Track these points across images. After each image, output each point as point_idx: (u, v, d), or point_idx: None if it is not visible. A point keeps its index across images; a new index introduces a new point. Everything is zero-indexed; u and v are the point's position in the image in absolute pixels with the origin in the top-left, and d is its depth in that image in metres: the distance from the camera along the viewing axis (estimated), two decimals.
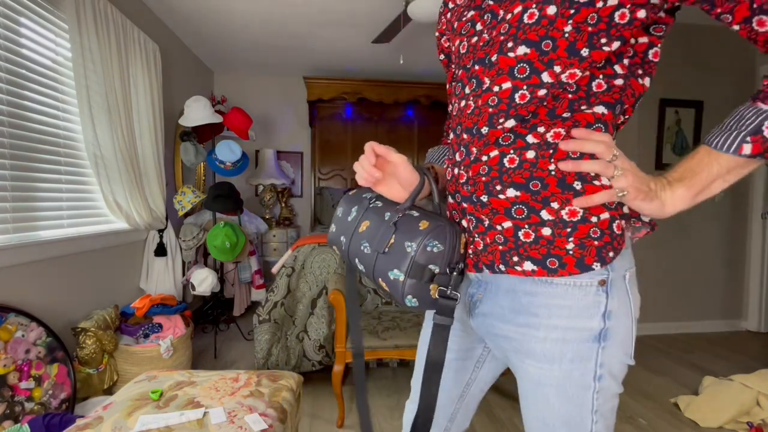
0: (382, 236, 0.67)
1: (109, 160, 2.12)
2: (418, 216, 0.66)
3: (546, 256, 0.61)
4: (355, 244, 0.74)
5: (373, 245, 0.69)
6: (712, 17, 0.61)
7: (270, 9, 2.91)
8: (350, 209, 0.80)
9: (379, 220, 0.71)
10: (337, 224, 0.82)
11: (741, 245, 3.30)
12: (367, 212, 0.75)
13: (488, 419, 1.95)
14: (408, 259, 0.62)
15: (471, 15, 0.66)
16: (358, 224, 0.75)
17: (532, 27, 0.57)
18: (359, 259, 0.73)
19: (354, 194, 0.83)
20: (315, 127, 4.52)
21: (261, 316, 2.18)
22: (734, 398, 1.93)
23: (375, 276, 0.69)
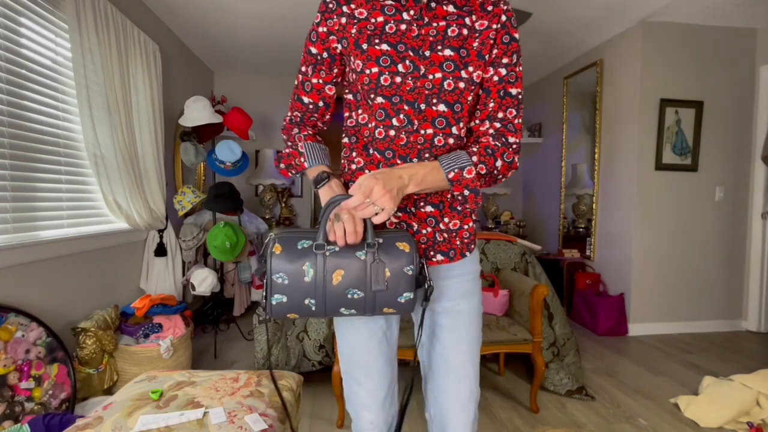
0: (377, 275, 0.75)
1: (109, 160, 2.12)
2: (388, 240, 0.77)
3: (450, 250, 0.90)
4: (333, 300, 0.76)
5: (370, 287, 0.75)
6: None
7: (270, 9, 2.91)
8: (300, 268, 0.75)
9: (358, 263, 0.75)
10: (289, 291, 0.75)
11: (741, 245, 3.30)
12: (329, 262, 0.75)
13: (488, 419, 1.95)
14: (412, 279, 0.77)
15: (386, 49, 0.80)
16: (328, 279, 0.75)
17: (448, 93, 0.81)
18: (346, 307, 0.77)
19: (285, 252, 0.75)
20: None
21: (261, 316, 2.18)
22: (734, 398, 1.93)
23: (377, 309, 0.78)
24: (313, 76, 0.89)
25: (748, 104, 3.25)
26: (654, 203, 3.17)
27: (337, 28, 0.83)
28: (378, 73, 0.79)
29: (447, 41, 0.80)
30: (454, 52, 0.80)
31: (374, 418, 0.92)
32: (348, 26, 0.82)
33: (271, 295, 0.75)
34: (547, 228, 4.37)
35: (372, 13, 0.81)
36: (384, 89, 0.80)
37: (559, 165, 4.11)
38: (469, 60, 0.80)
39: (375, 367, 0.90)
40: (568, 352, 2.26)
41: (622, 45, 3.24)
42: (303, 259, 0.75)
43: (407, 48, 0.80)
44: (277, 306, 0.76)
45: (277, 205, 4.40)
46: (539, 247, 2.68)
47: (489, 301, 2.16)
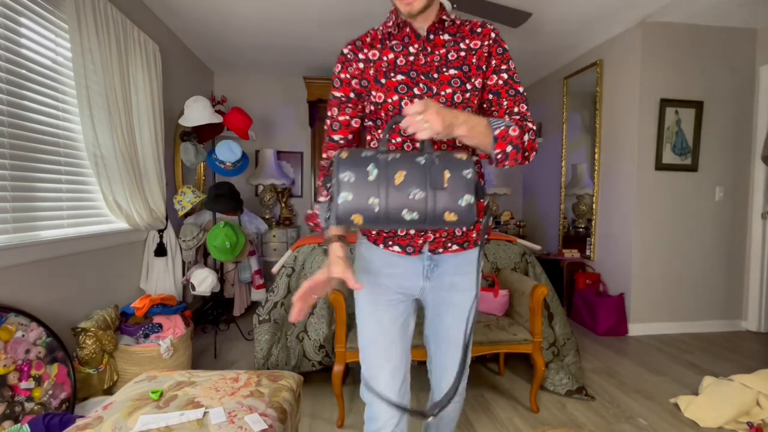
0: (436, 176, 0.79)
1: (109, 160, 2.12)
2: (445, 153, 0.84)
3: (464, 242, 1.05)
4: (396, 200, 0.80)
5: (429, 187, 0.79)
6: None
7: (270, 9, 2.91)
8: (365, 170, 0.80)
9: (418, 167, 0.81)
10: (355, 188, 0.79)
11: (741, 245, 3.30)
12: (390, 165, 0.80)
13: (488, 419, 1.95)
14: (471, 183, 0.81)
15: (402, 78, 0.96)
16: (389, 180, 0.80)
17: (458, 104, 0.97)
18: (408, 209, 0.80)
19: (351, 156, 0.82)
20: (315, 127, 4.51)
21: (261, 316, 2.18)
22: (734, 398, 1.93)
23: (438, 213, 0.81)
24: (340, 115, 1.03)
25: (748, 104, 3.24)
26: (654, 203, 3.17)
27: (357, 73, 0.99)
28: (399, 100, 0.96)
29: (450, 64, 0.97)
30: (457, 71, 0.96)
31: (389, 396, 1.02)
32: (366, 69, 0.99)
33: (338, 194, 0.79)
34: (547, 228, 4.37)
35: (383, 53, 0.98)
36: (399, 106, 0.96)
37: (559, 165, 4.11)
38: (471, 74, 0.97)
39: (394, 351, 1.03)
40: (568, 352, 2.26)
41: (622, 45, 3.24)
42: (367, 162, 0.80)
43: (419, 74, 0.96)
44: (343, 204, 0.79)
45: (277, 205, 4.40)
46: (539, 247, 2.68)
47: (489, 301, 2.16)
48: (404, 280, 1.05)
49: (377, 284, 1.05)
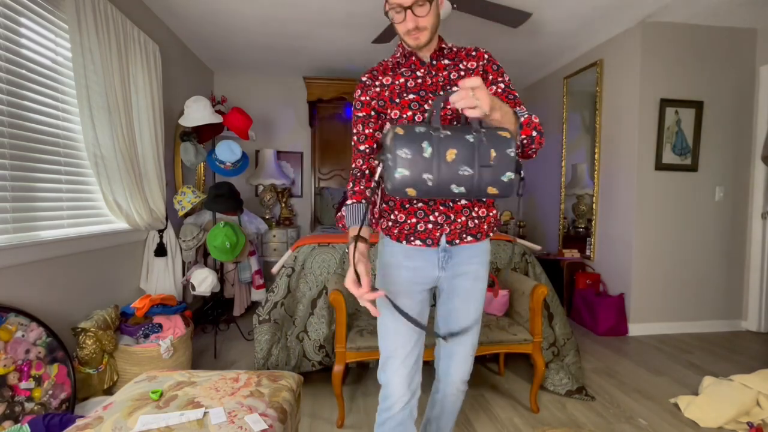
0: (484, 154, 0.88)
1: (109, 160, 2.12)
2: (491, 130, 0.91)
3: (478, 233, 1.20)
4: (447, 175, 0.88)
5: (477, 164, 0.88)
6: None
7: (270, 9, 2.91)
8: (420, 147, 0.87)
9: (468, 144, 0.88)
10: (410, 165, 0.87)
11: (741, 245, 3.30)
12: (442, 143, 0.88)
13: (488, 419, 1.95)
14: (515, 161, 0.90)
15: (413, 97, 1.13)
16: (441, 156, 0.88)
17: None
18: (456, 184, 0.89)
19: (407, 133, 0.88)
20: (315, 127, 4.52)
21: (261, 316, 2.18)
22: (734, 398, 1.93)
23: (483, 187, 0.90)
24: (365, 129, 1.19)
25: (748, 104, 3.24)
26: (654, 203, 3.17)
27: (375, 95, 1.17)
28: (412, 115, 1.13)
29: (452, 82, 1.14)
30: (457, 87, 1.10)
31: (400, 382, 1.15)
32: (382, 92, 1.16)
33: (394, 169, 0.87)
34: (547, 228, 4.37)
35: (395, 78, 1.16)
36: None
37: (559, 165, 4.11)
38: None
39: (409, 337, 1.16)
40: (568, 352, 2.26)
41: (622, 45, 3.24)
42: (422, 139, 0.88)
43: (427, 93, 1.13)
44: (400, 179, 0.87)
45: (277, 205, 4.40)
46: (539, 247, 2.68)
47: (489, 301, 2.16)
48: (422, 271, 1.17)
49: (398, 276, 1.18)
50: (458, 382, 1.26)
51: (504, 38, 3.40)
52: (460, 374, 1.25)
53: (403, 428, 1.17)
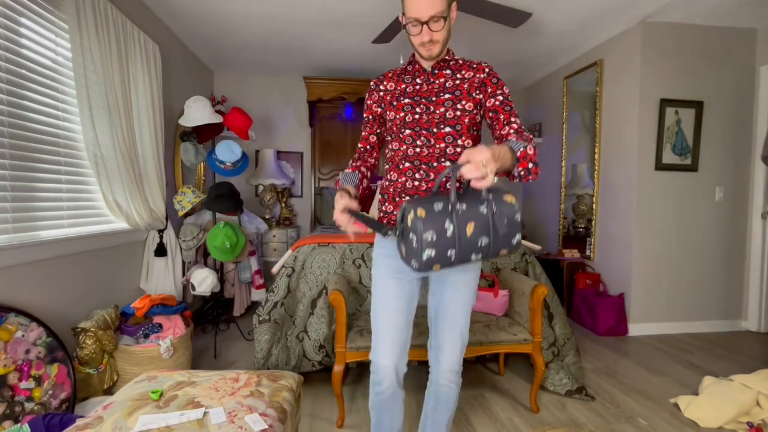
0: (498, 223, 0.98)
1: (109, 160, 2.12)
2: (497, 195, 1.00)
3: None
4: (467, 248, 0.98)
5: (496, 234, 0.98)
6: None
7: (270, 9, 2.91)
8: (442, 226, 0.96)
9: (483, 216, 0.98)
10: (437, 246, 0.96)
11: (741, 245, 3.30)
12: (461, 217, 0.97)
13: (488, 419, 1.95)
14: (520, 224, 1.01)
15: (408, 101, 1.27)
16: (463, 232, 0.97)
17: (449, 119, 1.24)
18: (476, 253, 0.99)
19: (428, 215, 0.96)
20: (315, 127, 4.52)
21: (261, 316, 2.18)
22: (734, 398, 1.93)
23: (495, 251, 1.01)
24: (363, 130, 1.40)
25: (748, 104, 3.25)
26: (654, 203, 3.17)
27: (377, 98, 1.34)
28: (404, 115, 1.27)
29: (446, 90, 1.25)
30: (451, 95, 1.24)
31: (388, 361, 1.27)
32: (384, 96, 1.33)
33: (422, 251, 0.96)
34: (547, 228, 4.37)
35: (397, 84, 1.31)
36: (408, 124, 1.26)
37: (559, 165, 4.11)
38: (462, 97, 1.24)
39: (395, 320, 1.27)
40: (568, 352, 2.26)
41: (622, 45, 3.24)
42: (443, 218, 0.96)
43: (421, 98, 1.26)
44: (427, 260, 0.96)
45: (277, 205, 4.40)
46: (539, 247, 2.68)
47: (489, 301, 2.16)
48: None
49: (389, 264, 1.28)
50: (447, 371, 1.31)
51: (504, 38, 3.40)
52: (449, 363, 1.30)
53: (393, 399, 1.33)
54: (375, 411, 1.36)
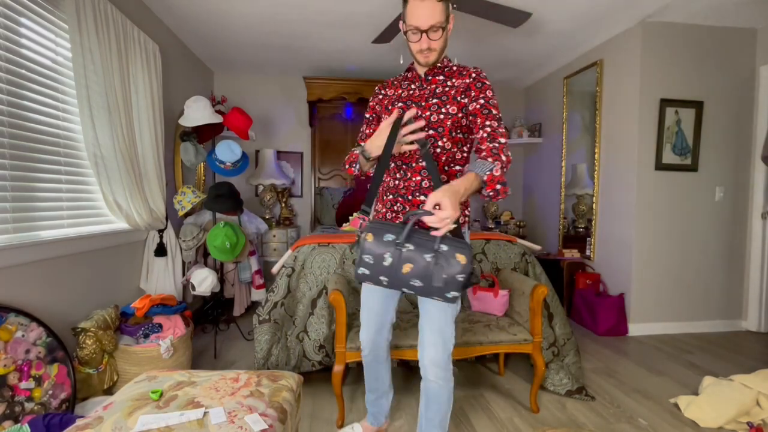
0: (433, 275, 1.07)
1: (109, 160, 2.12)
2: (450, 251, 1.08)
3: None
4: (400, 281, 1.10)
5: (426, 281, 1.07)
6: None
7: (270, 9, 2.91)
8: (382, 255, 1.07)
9: (423, 263, 1.06)
10: (371, 268, 1.09)
11: (741, 245, 3.30)
12: (404, 255, 1.07)
13: (488, 419, 1.95)
14: (460, 283, 1.07)
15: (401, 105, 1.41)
16: (399, 267, 1.08)
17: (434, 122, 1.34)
18: (408, 289, 1.11)
19: (375, 240, 1.07)
20: (315, 127, 4.52)
21: (261, 316, 2.18)
22: (734, 398, 1.93)
23: (428, 296, 1.12)
24: (367, 128, 1.55)
25: (748, 104, 3.25)
26: (654, 203, 3.17)
27: (377, 102, 1.51)
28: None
29: (434, 95, 1.35)
30: (438, 100, 1.34)
31: (367, 336, 1.58)
32: (383, 100, 1.48)
33: (358, 266, 1.11)
34: (547, 228, 4.37)
35: (395, 90, 1.46)
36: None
37: (559, 165, 4.11)
38: (447, 102, 1.33)
39: (373, 307, 1.55)
40: (568, 352, 2.26)
41: (622, 45, 3.24)
42: (386, 249, 1.06)
43: (412, 102, 1.38)
44: (361, 275, 1.10)
45: (277, 205, 4.40)
46: (539, 247, 2.68)
47: (489, 301, 2.16)
48: None
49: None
50: (430, 366, 1.38)
51: (504, 38, 3.40)
52: (431, 358, 1.38)
53: (375, 365, 1.65)
54: (365, 371, 1.70)
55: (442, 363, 1.39)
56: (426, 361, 1.39)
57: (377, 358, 1.63)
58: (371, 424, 1.78)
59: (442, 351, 1.38)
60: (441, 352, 1.38)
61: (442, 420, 1.46)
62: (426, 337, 1.39)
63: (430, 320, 1.38)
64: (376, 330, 1.57)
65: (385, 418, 1.78)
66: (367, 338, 1.59)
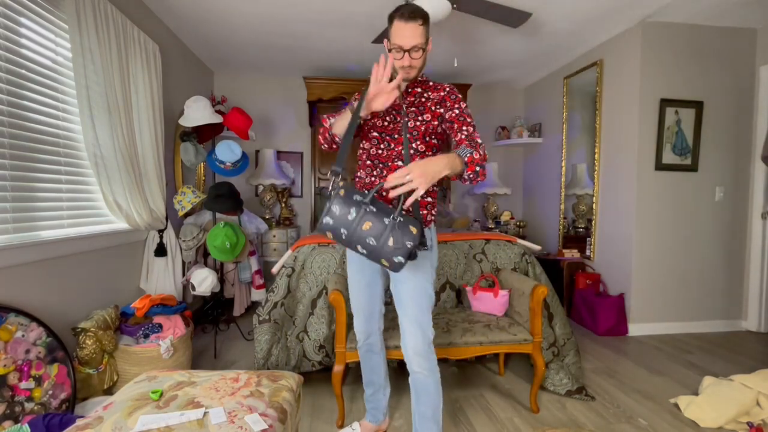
0: (388, 237, 1.17)
1: (109, 160, 2.12)
2: (406, 221, 1.20)
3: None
4: (357, 237, 1.18)
5: (380, 241, 1.17)
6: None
7: (270, 9, 2.91)
8: (349, 210, 1.18)
9: (381, 225, 1.17)
10: (335, 219, 1.18)
11: (741, 245, 3.30)
12: (366, 215, 1.18)
13: (488, 419, 1.95)
14: (408, 250, 1.18)
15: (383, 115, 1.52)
16: (360, 223, 1.18)
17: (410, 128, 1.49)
18: (361, 246, 1.19)
19: (345, 196, 1.18)
20: (315, 127, 4.52)
21: (261, 316, 2.18)
22: (734, 398, 1.93)
23: (378, 258, 1.20)
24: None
25: (748, 104, 3.25)
26: (654, 203, 3.17)
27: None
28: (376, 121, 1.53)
29: (412, 104, 1.49)
30: (415, 108, 1.49)
31: (359, 326, 1.68)
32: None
33: (325, 215, 1.19)
34: (547, 228, 4.37)
35: None
36: (378, 128, 1.53)
37: (559, 165, 4.11)
38: (424, 111, 1.48)
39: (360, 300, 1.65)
40: (568, 352, 2.26)
41: (622, 45, 3.24)
42: (353, 206, 1.18)
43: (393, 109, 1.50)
44: (325, 223, 1.19)
45: (277, 205, 4.40)
46: (539, 247, 2.68)
47: (489, 301, 2.16)
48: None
49: (353, 260, 1.62)
50: (413, 355, 1.47)
51: (504, 38, 3.40)
52: (411, 347, 1.46)
53: (369, 355, 1.73)
54: (361, 365, 1.77)
55: (422, 352, 1.46)
56: (409, 352, 1.47)
57: (372, 348, 1.71)
58: (370, 421, 1.81)
59: (422, 340, 1.46)
60: (420, 340, 1.46)
61: (434, 413, 1.50)
62: (405, 328, 1.48)
63: (405, 312, 1.47)
64: (365, 318, 1.66)
65: (383, 415, 1.81)
66: (359, 327, 1.68)
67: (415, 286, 1.46)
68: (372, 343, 1.70)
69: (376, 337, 1.70)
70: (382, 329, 1.72)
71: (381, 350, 1.73)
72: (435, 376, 1.48)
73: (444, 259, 2.36)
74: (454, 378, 2.39)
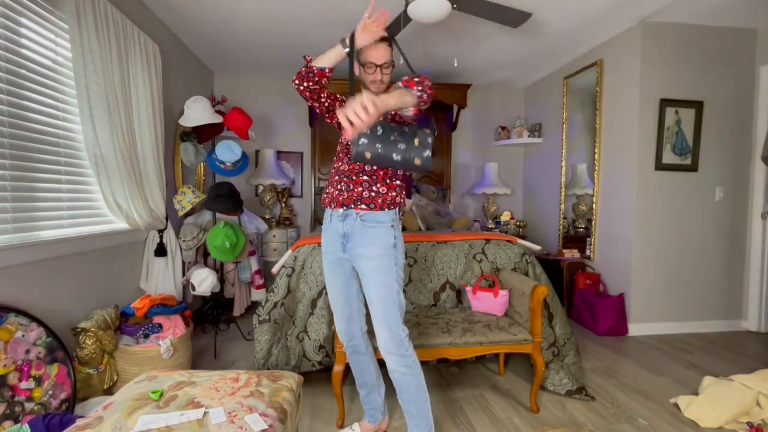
0: (412, 138, 1.35)
1: (109, 160, 2.12)
2: (417, 126, 1.41)
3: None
4: (390, 146, 1.33)
5: (409, 144, 1.34)
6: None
7: (270, 9, 2.91)
8: (375, 128, 1.32)
9: (404, 131, 1.36)
10: (369, 138, 1.31)
11: (741, 245, 3.30)
12: (390, 129, 1.34)
13: (488, 419, 1.95)
14: (431, 144, 1.36)
15: None
16: (387, 136, 1.33)
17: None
18: (396, 153, 1.33)
19: (373, 128, 1.32)
20: (315, 127, 4.52)
21: (261, 316, 2.18)
22: (734, 398, 1.93)
23: (410, 159, 1.34)
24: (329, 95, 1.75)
25: (748, 104, 3.25)
26: (654, 203, 3.17)
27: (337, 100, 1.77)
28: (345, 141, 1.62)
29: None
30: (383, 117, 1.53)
31: (341, 328, 1.70)
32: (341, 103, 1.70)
33: (359, 139, 1.30)
34: (547, 228, 4.37)
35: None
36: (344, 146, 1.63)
37: (559, 165, 4.11)
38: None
39: (338, 300, 1.66)
40: (568, 352, 2.26)
41: (622, 45, 3.24)
42: (377, 125, 1.33)
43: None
44: (361, 144, 1.30)
45: (277, 205, 4.40)
46: (539, 247, 2.68)
47: (489, 301, 2.16)
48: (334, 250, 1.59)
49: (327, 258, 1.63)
50: (384, 352, 1.52)
51: (504, 38, 3.40)
52: (382, 344, 1.52)
53: (355, 356, 1.74)
54: (351, 367, 1.78)
55: (393, 350, 1.50)
56: (381, 347, 1.53)
57: (357, 349, 1.72)
58: (369, 422, 1.81)
59: (390, 338, 1.49)
60: (389, 338, 1.49)
61: (418, 410, 1.53)
62: (375, 327, 1.53)
63: (374, 312, 1.52)
64: (345, 320, 1.68)
65: (381, 414, 1.80)
66: (341, 330, 1.70)
67: (381, 284, 1.50)
68: (356, 344, 1.71)
69: (360, 338, 1.71)
70: (365, 330, 1.72)
71: (367, 350, 1.74)
72: (413, 372, 1.51)
73: (444, 259, 2.36)
74: (454, 378, 2.39)
